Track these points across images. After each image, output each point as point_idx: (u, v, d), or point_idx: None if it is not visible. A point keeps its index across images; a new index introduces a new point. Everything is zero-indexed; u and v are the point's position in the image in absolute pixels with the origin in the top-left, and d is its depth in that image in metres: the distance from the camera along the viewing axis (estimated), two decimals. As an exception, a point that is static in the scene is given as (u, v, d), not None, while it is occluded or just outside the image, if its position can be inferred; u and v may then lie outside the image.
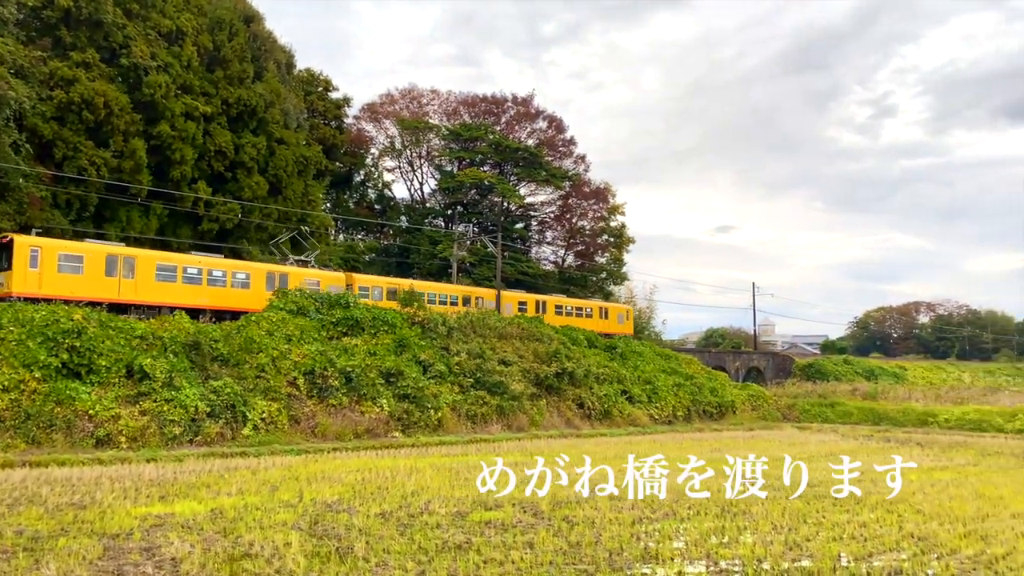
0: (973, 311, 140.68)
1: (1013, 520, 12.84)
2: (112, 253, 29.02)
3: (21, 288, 26.70)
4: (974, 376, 71.42)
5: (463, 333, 31.76)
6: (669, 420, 35.23)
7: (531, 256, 63.70)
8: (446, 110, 63.58)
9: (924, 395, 46.21)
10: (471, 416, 28.03)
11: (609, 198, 65.53)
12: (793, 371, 58.43)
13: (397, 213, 62.53)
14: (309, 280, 34.73)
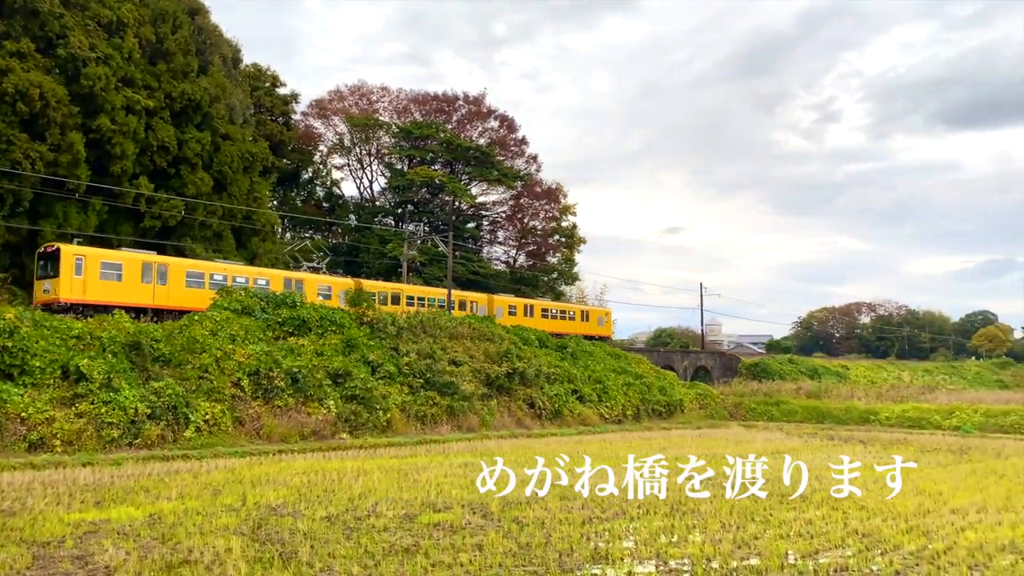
0: (912, 312, 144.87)
1: (952, 515, 13.11)
2: (147, 261, 30.55)
3: (68, 294, 28.01)
4: (913, 375, 73.45)
5: (413, 333, 31.44)
6: (619, 419, 35.41)
7: (482, 256, 63.54)
8: (396, 108, 63.06)
9: (866, 394, 47.31)
10: (421, 417, 27.75)
11: (560, 198, 65.72)
12: (739, 370, 59.32)
13: (346, 211, 61.74)
14: (321, 286, 37.14)
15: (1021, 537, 11.33)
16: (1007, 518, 12.82)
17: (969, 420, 35.99)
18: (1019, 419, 34.97)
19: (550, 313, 50.21)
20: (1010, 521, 12.54)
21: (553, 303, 52.76)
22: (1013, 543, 10.98)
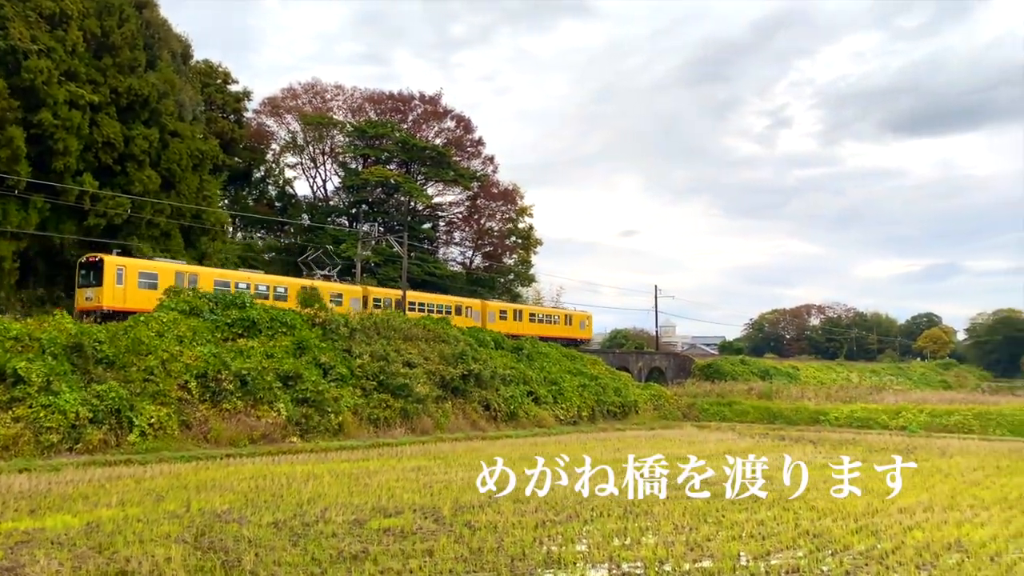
0: (860, 314, 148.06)
1: (900, 515, 13.27)
2: (179, 270, 32.63)
3: (110, 302, 30.02)
4: (861, 376, 74.98)
5: (366, 335, 31.02)
6: (574, 420, 35.41)
7: (438, 257, 63.19)
8: (351, 106, 62.39)
9: (815, 394, 48.06)
10: (374, 420, 27.37)
11: (517, 199, 65.73)
12: (693, 371, 59.91)
13: (299, 211, 60.86)
14: (333, 293, 39.03)
15: (966, 536, 11.49)
16: (952, 517, 13.02)
17: (915, 420, 36.76)
18: (962, 419, 35.83)
19: (537, 317, 52.86)
20: (955, 520, 12.74)
21: (540, 308, 55.50)
22: (958, 541, 11.12)
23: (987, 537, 11.35)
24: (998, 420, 34.93)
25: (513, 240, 66.37)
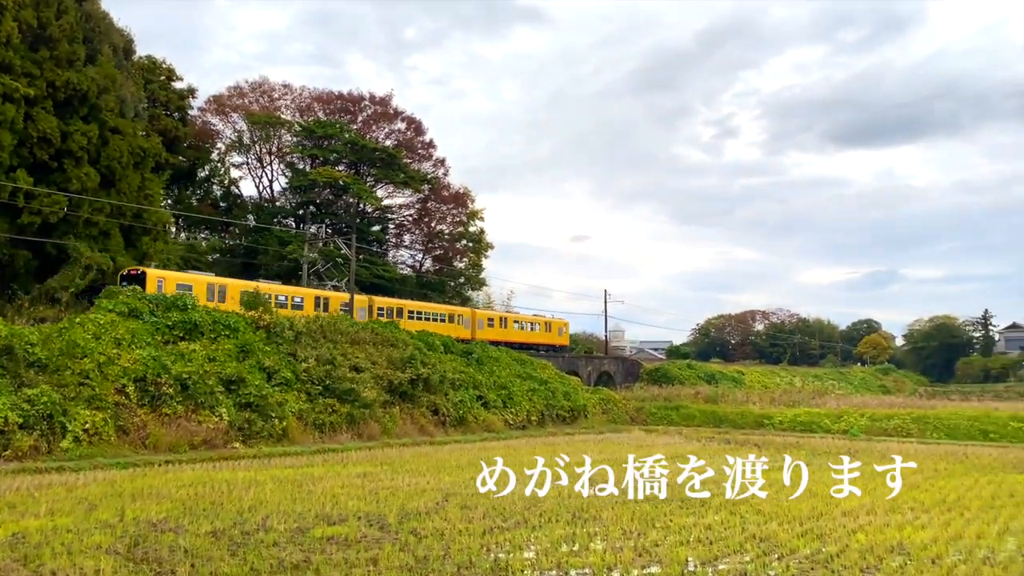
0: (803, 319, 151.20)
1: (844, 518, 13.43)
2: (211, 282, 35.99)
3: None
4: (804, 380, 76.50)
5: (312, 338, 30.46)
6: (523, 425, 35.30)
7: (388, 259, 62.59)
8: (299, 106, 61.47)
9: (760, 398, 48.84)
10: (319, 425, 26.84)
11: (468, 203, 65.50)
12: (641, 375, 60.41)
13: (244, 211, 59.68)
14: (343, 303, 42.55)
15: (908, 538, 11.65)
16: (894, 519, 13.22)
17: (856, 424, 37.55)
18: (901, 423, 36.72)
19: (520, 325, 56.27)
20: (896, 522, 12.93)
21: (523, 316, 58.49)
22: (901, 544, 11.27)
23: (928, 540, 11.53)
24: (935, 424, 35.88)
25: (464, 244, 66.12)
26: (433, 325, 46.41)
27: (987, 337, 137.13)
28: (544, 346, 56.31)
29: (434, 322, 47.15)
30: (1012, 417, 35.01)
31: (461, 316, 51.13)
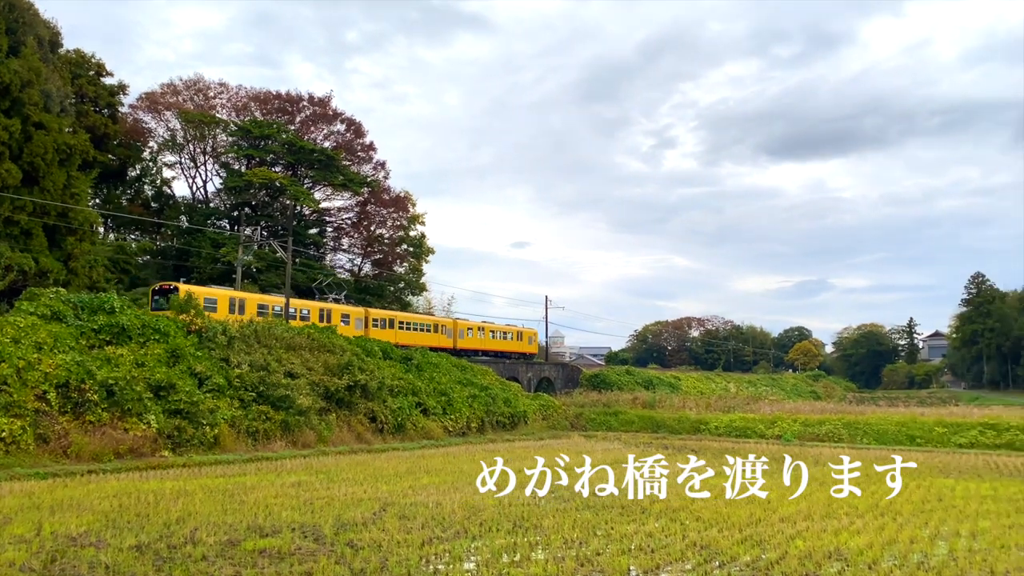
0: (737, 326, 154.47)
1: (782, 524, 13.52)
2: (232, 296, 39.58)
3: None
4: (738, 386, 77.93)
5: (246, 343, 29.62)
6: (463, 432, 34.99)
7: (325, 263, 61.54)
8: (235, 105, 60.03)
9: (696, 404, 49.47)
10: (252, 433, 26.08)
11: (409, 207, 64.86)
12: (581, 381, 60.67)
13: (177, 212, 57.98)
14: (343, 314, 45.30)
15: (844, 544, 11.77)
16: (830, 525, 13.37)
17: (789, 429, 38.29)
18: (832, 428, 37.56)
19: (496, 334, 59.12)
20: (833, 528, 13.08)
21: (498, 326, 60.67)
22: (838, 550, 11.37)
23: (864, 545, 11.66)
24: (865, 429, 36.80)
25: (404, 248, 65.44)
26: (420, 335, 50.00)
27: (912, 345, 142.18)
28: (517, 354, 60.13)
29: (421, 332, 50.66)
30: (937, 422, 36.15)
31: (444, 326, 53.97)
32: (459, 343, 53.83)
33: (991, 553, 11.25)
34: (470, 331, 56.15)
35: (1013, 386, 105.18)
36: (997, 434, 33.69)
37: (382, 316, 49.09)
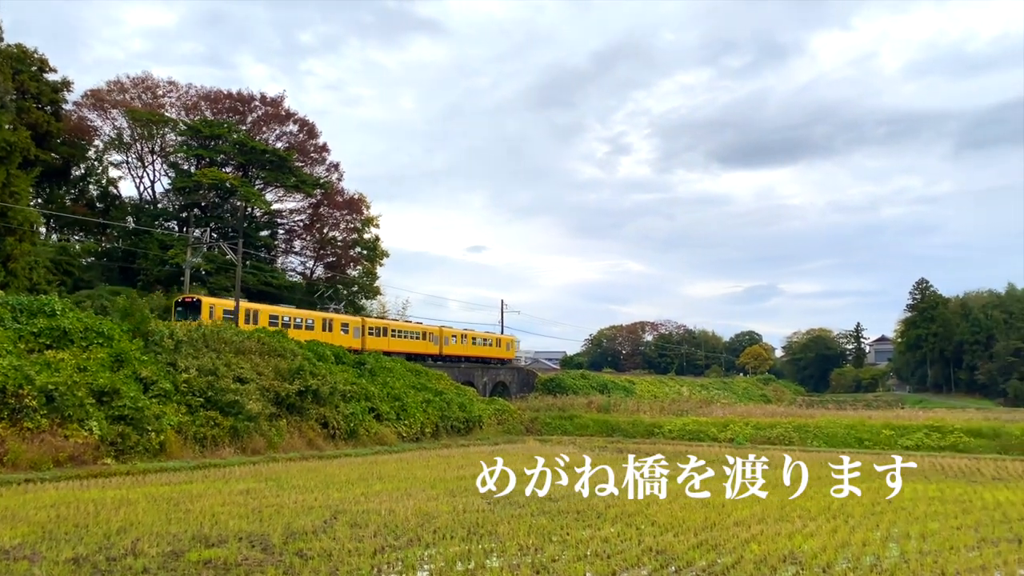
0: (689, 331, 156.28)
1: (736, 528, 13.52)
2: (247, 308, 41.46)
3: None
4: (691, 390, 78.72)
5: (194, 347, 28.89)
6: (417, 437, 34.60)
7: (277, 266, 60.55)
8: (185, 104, 58.73)
9: (651, 408, 49.74)
10: (200, 439, 25.39)
11: (363, 209, 64.15)
12: (536, 385, 60.64)
13: (123, 213, 56.45)
14: (342, 323, 47.95)
15: (798, 547, 11.80)
16: (784, 528, 13.41)
17: (741, 433, 38.67)
18: (783, 431, 38.04)
19: (478, 340, 61.89)
20: (787, 531, 13.11)
21: (480, 333, 63.59)
22: (792, 553, 11.38)
23: (817, 548, 11.70)
24: (815, 432, 37.34)
25: (358, 251, 64.70)
26: (410, 342, 53.28)
27: (859, 349, 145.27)
28: (497, 359, 63.42)
29: (411, 339, 53.79)
30: (885, 425, 36.84)
31: (431, 334, 56.32)
32: (444, 349, 56.60)
33: (941, 555, 11.38)
34: (454, 338, 58.70)
35: (955, 389, 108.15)
36: (942, 436, 34.45)
37: (377, 325, 51.66)
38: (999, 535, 13.12)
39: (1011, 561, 11.06)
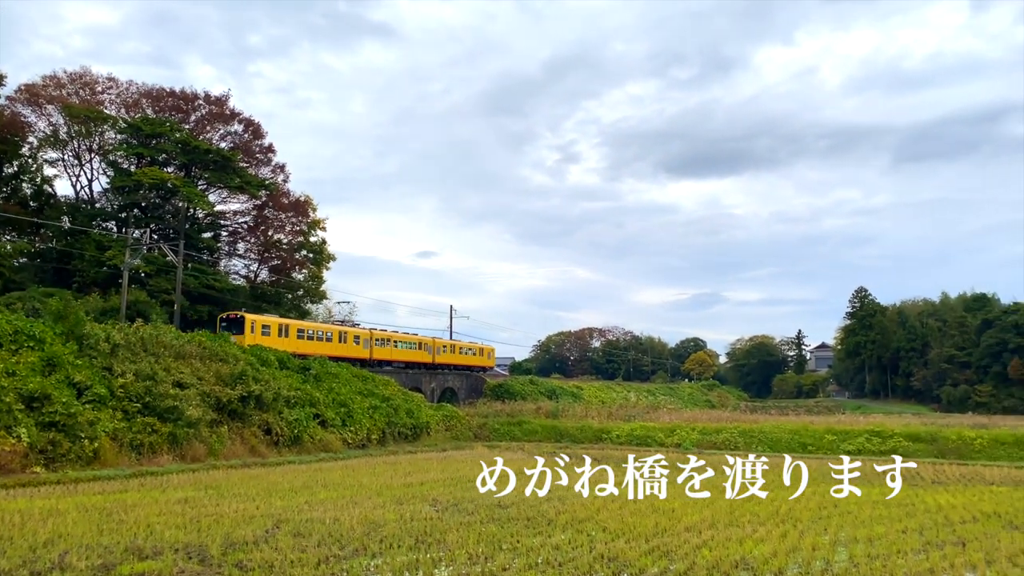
0: (636, 337, 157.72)
1: (687, 533, 13.44)
2: (280, 323, 46.20)
3: (250, 342, 40.38)
4: (638, 395, 79.31)
5: (131, 351, 27.90)
6: (363, 444, 33.99)
7: (219, 268, 59.13)
8: (125, 101, 57.01)
9: (598, 413, 49.93)
10: (137, 446, 24.47)
11: (309, 212, 63.06)
12: (485, 391, 60.41)
13: (58, 212, 54.46)
14: (353, 335, 51.68)
15: (749, 553, 11.75)
16: (735, 533, 13.37)
17: (688, 438, 38.98)
18: (729, 436, 38.45)
19: (463, 350, 66.81)
20: (737, 537, 13.07)
21: (466, 343, 69.07)
22: (744, 559, 11.32)
23: (768, 553, 11.67)
24: (760, 437, 37.82)
25: (304, 254, 63.58)
26: (410, 352, 57.96)
27: (800, 356, 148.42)
28: (479, 367, 68.15)
29: (410, 349, 58.33)
30: (827, 430, 37.50)
31: (426, 344, 60.67)
32: (437, 358, 61.00)
33: (889, 559, 11.44)
34: (445, 348, 63.78)
35: (892, 395, 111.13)
36: (882, 441, 35.20)
37: (382, 336, 55.40)
38: (943, 538, 13.29)
39: (957, 564, 11.17)
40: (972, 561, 11.45)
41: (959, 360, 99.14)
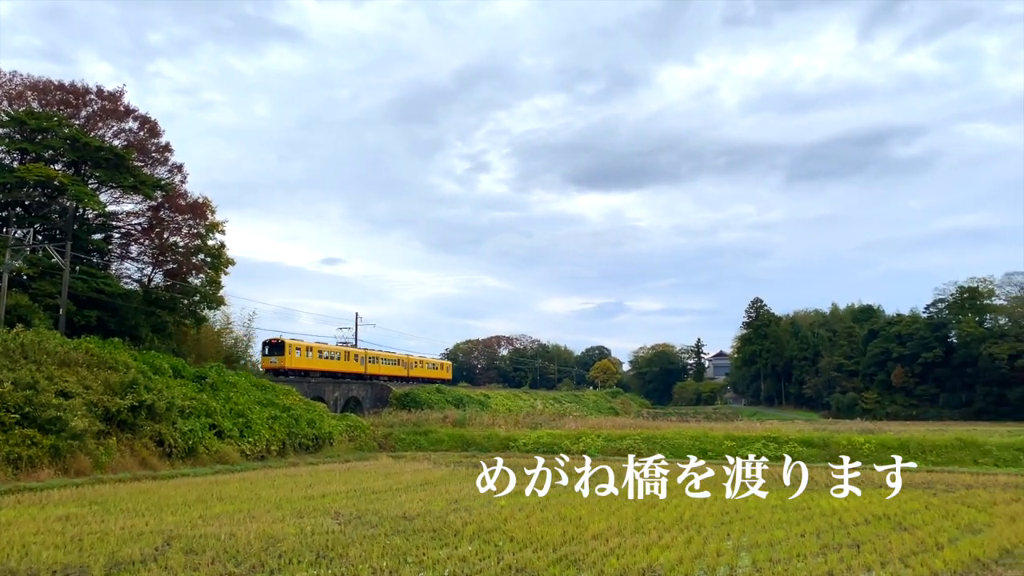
0: (543, 345, 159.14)
1: (594, 541, 13.41)
2: (310, 347, 56.98)
3: (291, 364, 54.10)
4: (545, 403, 79.83)
5: (10, 359, 26.08)
6: (262, 455, 32.80)
7: (110, 272, 56.22)
8: (8, 93, 53.56)
9: (505, 421, 49.84)
10: (14, 460, 22.79)
11: (208, 214, 60.67)
12: (390, 400, 59.45)
13: (-69, 210, 50.70)
14: (356, 354, 64.46)
15: (656, 560, 11.79)
16: (641, 541, 13.41)
17: (593, 445, 39.30)
18: (632, 443, 38.96)
19: (425, 364, 77.95)
20: (644, 544, 13.11)
21: (429, 359, 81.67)
22: (651, 566, 11.35)
23: (674, 560, 11.73)
24: (662, 444, 38.44)
25: (201, 258, 61.13)
26: (390, 367, 68.94)
27: (699, 364, 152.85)
28: (440, 380, 77.05)
29: (391, 365, 69.28)
30: (726, 436, 38.48)
31: (403, 360, 71.82)
32: (411, 372, 71.74)
33: (790, 563, 11.67)
34: (417, 364, 75.59)
35: (785, 402, 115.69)
36: (778, 446, 36.33)
37: (373, 355, 65.65)
38: (839, 541, 13.70)
39: (854, 566, 11.50)
40: (867, 563, 11.82)
41: (847, 368, 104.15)
